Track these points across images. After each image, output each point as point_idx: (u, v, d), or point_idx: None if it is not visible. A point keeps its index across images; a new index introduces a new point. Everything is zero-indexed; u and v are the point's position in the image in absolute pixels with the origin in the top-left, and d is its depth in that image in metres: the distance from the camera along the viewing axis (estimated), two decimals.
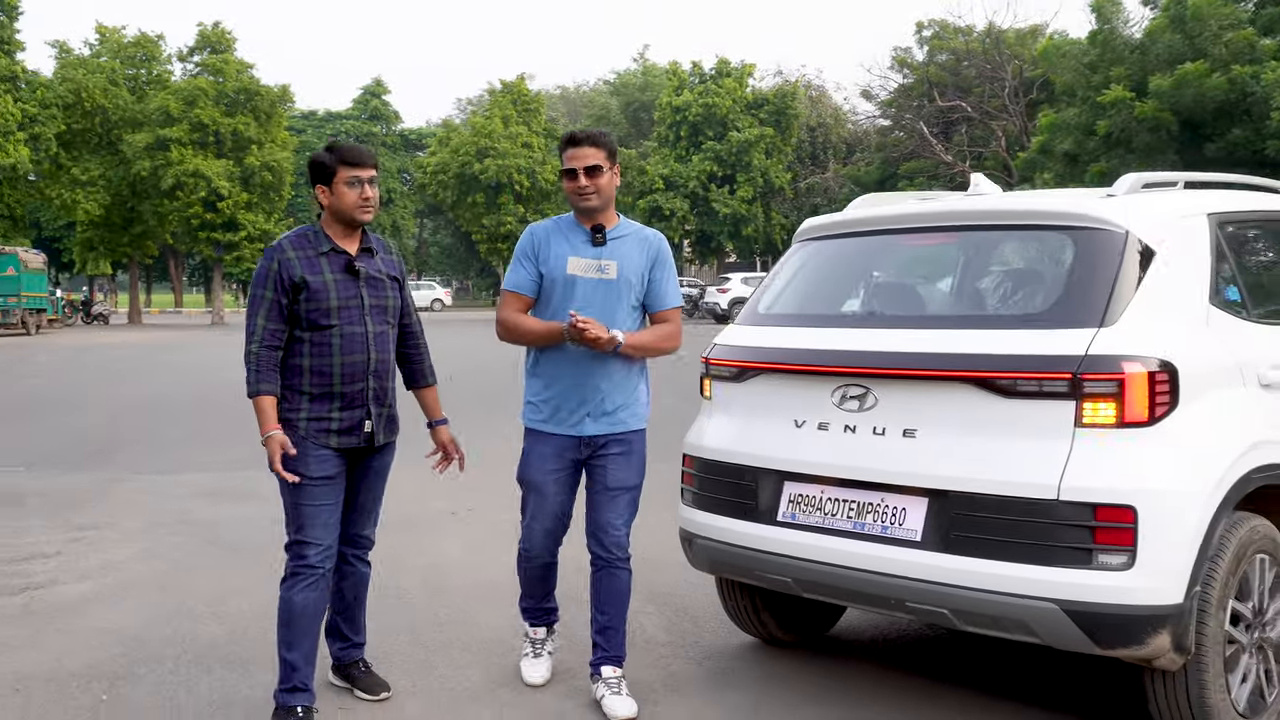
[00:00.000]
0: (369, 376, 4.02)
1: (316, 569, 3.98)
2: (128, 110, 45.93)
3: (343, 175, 3.96)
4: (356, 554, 4.31)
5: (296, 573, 3.97)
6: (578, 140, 4.12)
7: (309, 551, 3.96)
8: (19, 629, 5.20)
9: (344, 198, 3.97)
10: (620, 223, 4.25)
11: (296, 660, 3.94)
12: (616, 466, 4.20)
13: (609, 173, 4.11)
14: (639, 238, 4.23)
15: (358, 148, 4.05)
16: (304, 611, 3.95)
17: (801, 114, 52.95)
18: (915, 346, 3.80)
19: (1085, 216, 3.79)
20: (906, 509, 3.76)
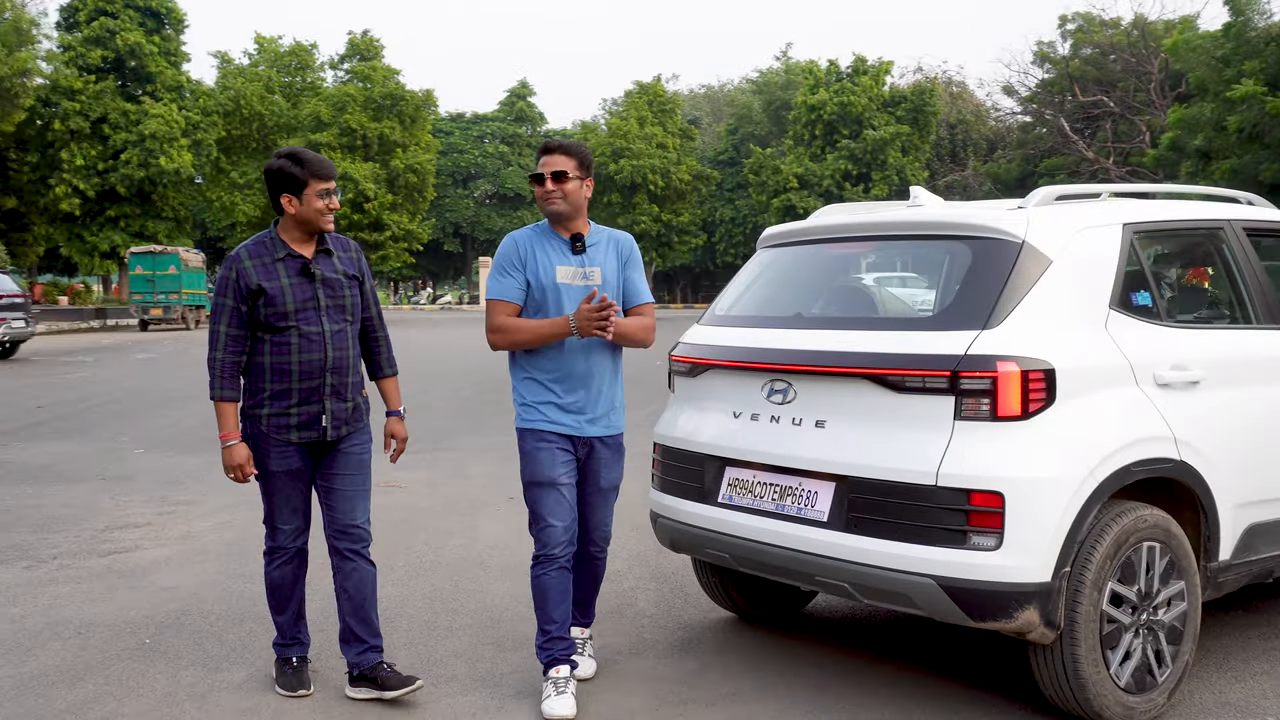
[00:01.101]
0: (325, 373, 4.24)
1: (287, 549, 4.42)
2: (282, 116, 48.36)
3: (314, 187, 4.16)
4: (353, 548, 4.38)
5: (271, 552, 4.43)
6: (549, 149, 4.35)
7: (279, 536, 4.41)
8: (98, 585, 5.98)
9: (312, 207, 4.18)
10: (595, 228, 4.48)
11: (284, 621, 4.48)
12: (609, 468, 4.47)
13: (576, 180, 4.29)
14: (611, 241, 4.45)
15: (325, 160, 4.27)
16: (282, 583, 4.43)
17: (940, 111, 52.34)
18: (828, 345, 4.20)
19: (986, 228, 4.14)
20: (818, 492, 4.16)
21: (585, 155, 4.36)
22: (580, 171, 4.32)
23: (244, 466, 4.22)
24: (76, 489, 8.65)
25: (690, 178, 51.85)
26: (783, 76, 66.02)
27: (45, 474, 9.35)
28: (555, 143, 4.38)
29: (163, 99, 46.00)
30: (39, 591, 5.85)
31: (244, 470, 4.23)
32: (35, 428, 12.39)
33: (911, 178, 49.91)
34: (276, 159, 4.24)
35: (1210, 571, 4.31)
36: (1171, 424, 4.08)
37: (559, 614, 4.34)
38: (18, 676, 4.61)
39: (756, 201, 51.38)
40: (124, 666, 4.73)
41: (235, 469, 4.23)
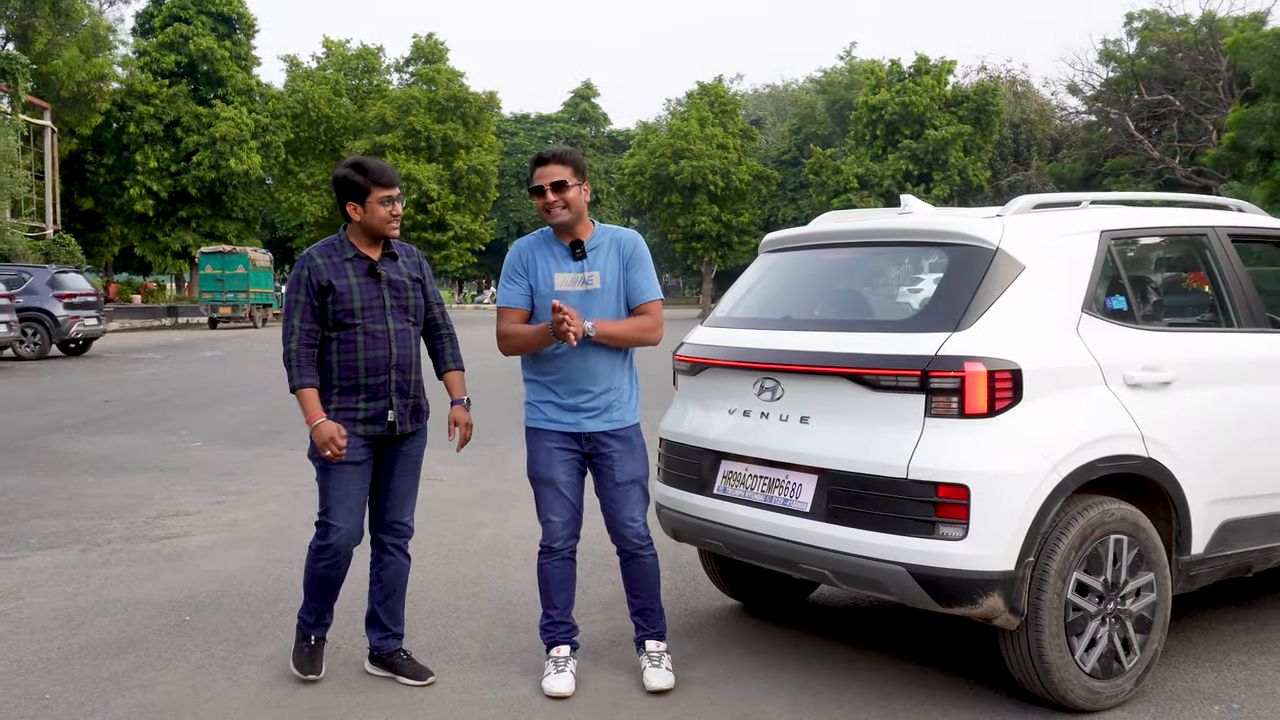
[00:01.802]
0: (391, 370, 4.43)
1: (339, 551, 4.47)
2: (349, 119, 49.33)
3: (376, 195, 4.36)
4: (395, 543, 4.66)
5: (320, 550, 4.49)
6: (544, 159, 4.44)
7: (332, 534, 4.43)
8: (146, 567, 6.39)
9: (376, 214, 4.38)
10: (596, 230, 4.55)
11: (317, 606, 4.63)
12: (622, 462, 4.51)
13: (575, 187, 4.39)
14: (613, 241, 4.52)
15: (388, 168, 4.44)
16: (325, 581, 4.57)
17: (1003, 110, 51.94)
18: (812, 346, 4.45)
19: (963, 235, 4.37)
20: (802, 485, 4.42)
21: (579, 161, 4.47)
22: (577, 178, 4.42)
23: (336, 439, 4.30)
24: (135, 479, 9.13)
25: (750, 178, 51.94)
26: (846, 76, 65.76)
27: (107, 465, 9.85)
28: (549, 153, 4.48)
29: (233, 102, 47.20)
30: (92, 573, 6.27)
31: (337, 442, 4.30)
32: (102, 421, 12.95)
33: (973, 178, 49.62)
34: (342, 168, 4.44)
35: (1182, 565, 4.50)
36: (1140, 422, 4.27)
37: (559, 600, 4.62)
38: (68, 647, 5.00)
39: (817, 201, 51.34)
40: (164, 640, 5.10)
41: (328, 442, 4.30)
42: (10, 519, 7.67)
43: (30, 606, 5.63)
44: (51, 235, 38.23)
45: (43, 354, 23.23)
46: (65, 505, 8.13)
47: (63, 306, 23.15)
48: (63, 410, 14.04)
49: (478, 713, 4.29)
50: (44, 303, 22.96)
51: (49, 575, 6.22)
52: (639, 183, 53.12)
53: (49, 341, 23.27)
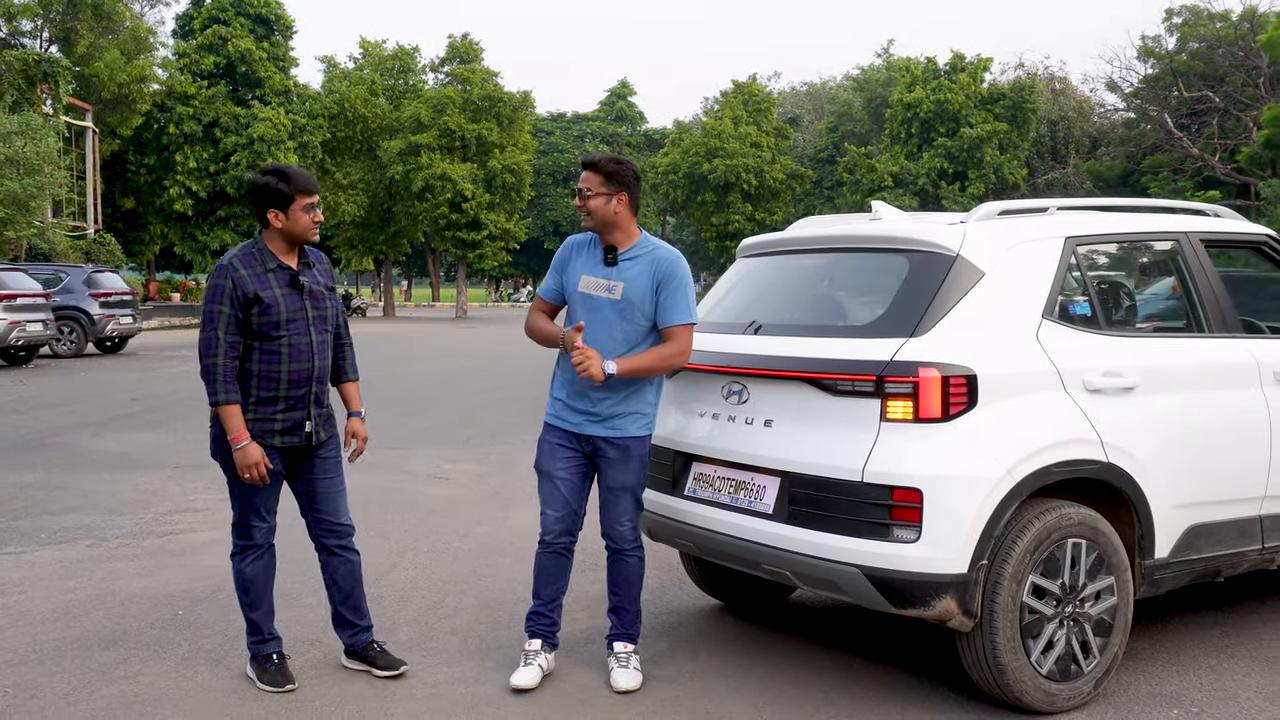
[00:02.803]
0: (312, 382, 4.48)
1: (260, 546, 4.60)
2: (385, 119, 49.72)
3: (300, 203, 4.38)
4: (341, 544, 4.70)
5: (245, 549, 4.58)
6: (584, 164, 4.54)
7: (254, 532, 4.58)
8: (149, 562, 6.57)
9: (299, 222, 4.40)
10: (639, 242, 4.55)
11: (259, 617, 4.61)
12: (614, 469, 4.57)
13: (600, 197, 4.43)
14: (651, 259, 4.50)
15: (309, 176, 4.46)
16: (255, 579, 4.59)
17: (1040, 108, 51.53)
18: (777, 351, 4.52)
19: (923, 241, 4.43)
20: (765, 487, 4.49)
21: (613, 171, 4.46)
22: (606, 188, 4.44)
23: (260, 464, 4.34)
24: (149, 476, 9.33)
25: (784, 176, 51.85)
26: (884, 74, 65.48)
27: (124, 462, 10.07)
28: (588, 158, 4.52)
29: (271, 103, 47.73)
30: (95, 567, 6.44)
31: (260, 468, 4.34)
32: (126, 419, 13.21)
33: (1010, 176, 49.29)
34: (263, 175, 4.43)
35: (1145, 569, 4.53)
36: (1100, 428, 4.31)
37: (545, 592, 4.74)
38: (62, 639, 5.16)
39: (852, 200, 51.19)
40: (155, 634, 5.25)
41: (252, 467, 4.34)
42: (24, 514, 7.88)
43: (31, 600, 5.80)
44: (92, 235, 38.84)
45: (79, 352, 23.64)
46: (79, 501, 8.34)
47: (99, 305, 23.55)
48: (90, 407, 14.33)
49: (447, 706, 4.40)
50: (80, 302, 23.36)
51: (54, 569, 6.40)
52: (673, 181, 53.20)
53: (85, 340, 23.68)
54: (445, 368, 19.91)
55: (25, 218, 28.75)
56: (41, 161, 28.68)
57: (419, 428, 12.56)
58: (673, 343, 4.51)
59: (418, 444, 11.33)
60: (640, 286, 4.49)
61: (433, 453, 10.72)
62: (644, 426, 4.64)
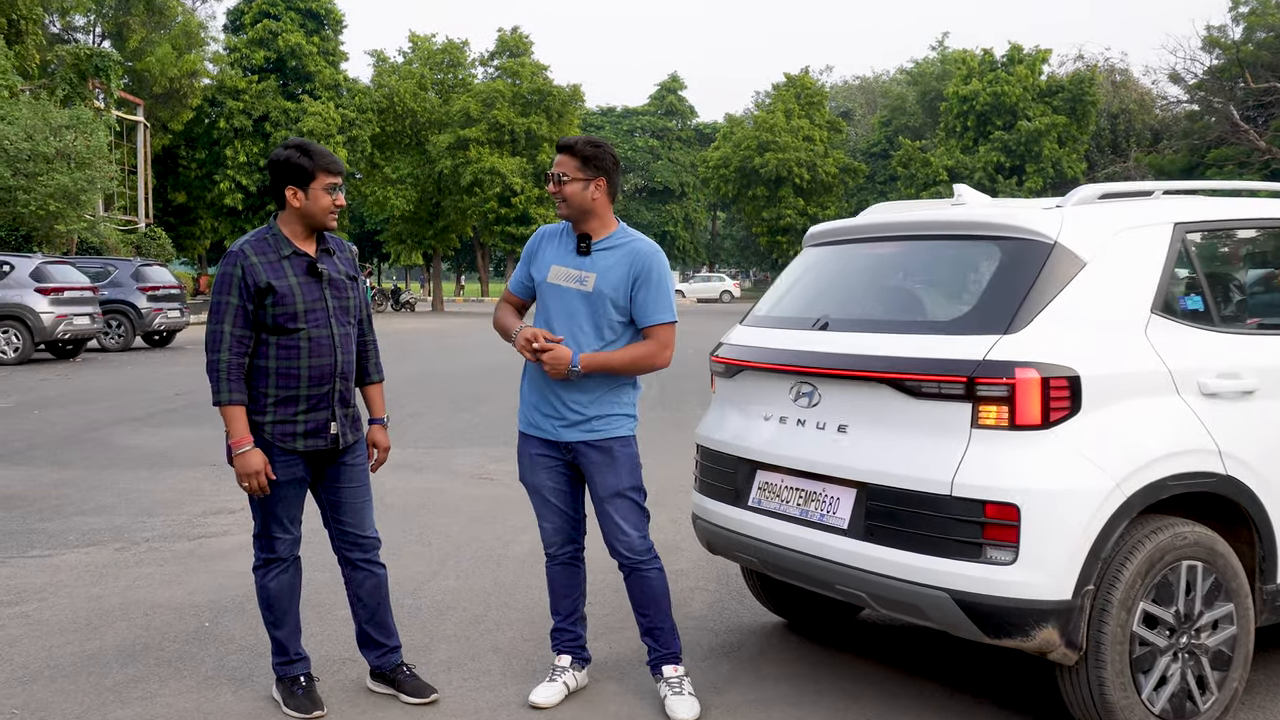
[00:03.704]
0: (335, 379, 4.09)
1: (285, 559, 4.22)
2: (434, 113, 49.62)
3: (321, 181, 3.99)
4: (366, 558, 4.33)
5: (268, 563, 4.21)
6: (559, 147, 4.20)
7: (276, 544, 4.19)
8: (177, 568, 6.24)
9: (319, 203, 4.01)
10: (616, 233, 4.21)
11: (284, 636, 4.25)
12: (601, 474, 4.20)
13: (577, 183, 4.10)
14: (629, 251, 4.15)
15: (332, 154, 4.08)
16: (280, 594, 4.22)
17: (1099, 100, 50.38)
18: (852, 349, 4.08)
19: (1017, 228, 3.97)
20: (839, 499, 4.06)
21: (591, 155, 4.13)
22: (583, 173, 4.11)
23: (261, 473, 3.98)
24: (186, 474, 9.04)
25: (837, 170, 51.06)
26: (938, 67, 64.56)
27: (162, 459, 9.80)
28: (564, 141, 4.19)
29: (321, 97, 47.74)
30: (122, 573, 6.12)
31: (260, 478, 3.98)
32: (168, 414, 12.97)
33: (1068, 170, 48.19)
34: (284, 149, 4.05)
35: (1267, 595, 4.05)
36: (1217, 436, 3.84)
37: (563, 606, 4.44)
38: (80, 653, 4.83)
39: (906, 195, 50.37)
40: (178, 648, 4.91)
41: (252, 475, 3.97)
42: (55, 514, 7.60)
43: (52, 609, 5.49)
44: (143, 229, 38.99)
45: (126, 346, 23.59)
46: (112, 500, 8.05)
47: (146, 299, 23.46)
48: (132, 402, 14.13)
49: None
50: (128, 295, 23.29)
51: (79, 574, 6.09)
52: (724, 176, 52.65)
53: (133, 333, 23.62)
54: (491, 362, 19.53)
55: (76, 211, 28.78)
56: (92, 155, 28.68)
57: (463, 425, 12.19)
58: (650, 342, 4.18)
59: (462, 442, 10.97)
60: (614, 279, 4.13)
61: (478, 452, 10.35)
62: (625, 427, 4.27)
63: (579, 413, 4.20)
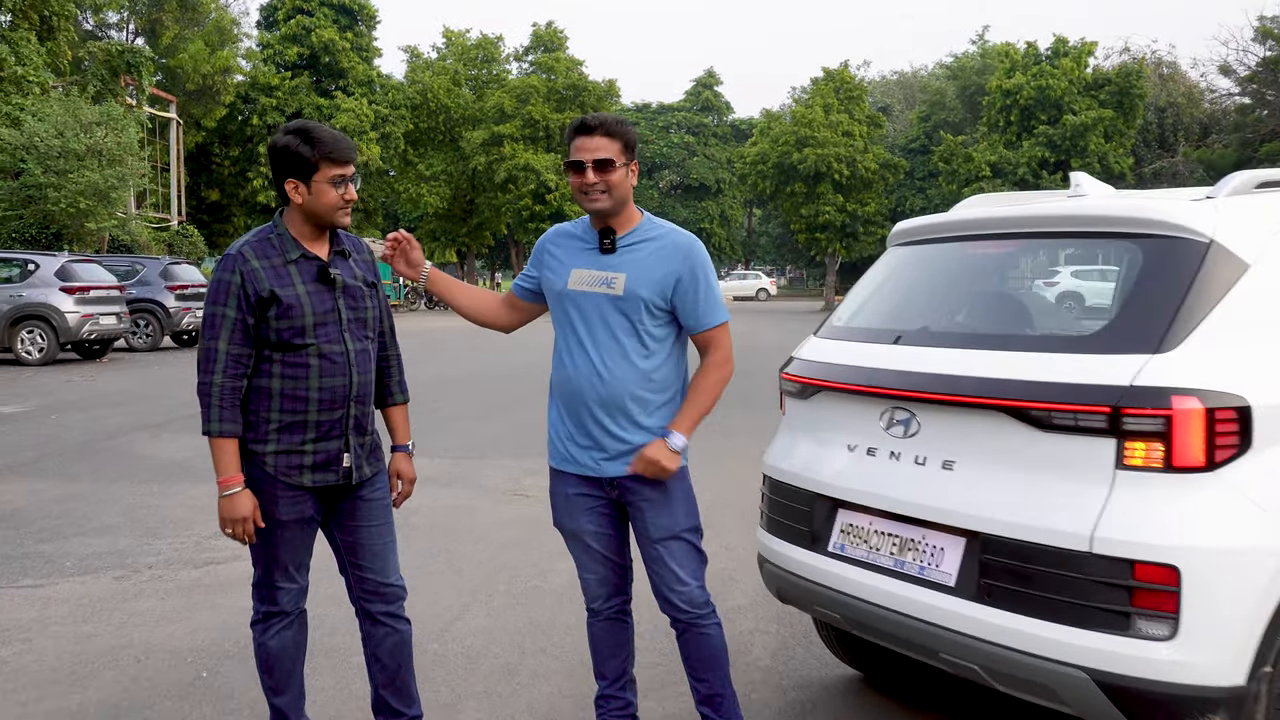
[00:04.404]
0: (349, 402, 3.45)
1: (288, 613, 3.59)
2: (468, 109, 49.24)
3: (326, 172, 3.34)
4: (388, 611, 3.66)
5: (268, 617, 3.58)
6: (588, 127, 3.49)
7: (280, 596, 3.56)
8: (180, 601, 5.63)
9: (324, 198, 3.35)
10: (641, 224, 3.58)
11: (286, 704, 3.66)
12: (653, 514, 3.55)
13: (623, 168, 3.48)
14: (663, 244, 3.53)
15: (341, 139, 3.40)
16: (282, 654, 3.61)
17: (1147, 94, 49.14)
18: (959, 369, 3.40)
19: (1163, 223, 3.27)
20: (944, 549, 3.38)
21: (630, 135, 3.53)
22: (626, 155, 3.50)
23: (249, 520, 3.35)
24: (200, 489, 8.45)
25: (877, 166, 50.04)
26: (978, 61, 63.42)
27: (177, 471, 9.22)
28: (595, 120, 3.51)
29: (354, 93, 47.40)
30: (118, 607, 5.53)
31: (248, 526, 3.36)
32: (189, 420, 12.40)
33: (1115, 165, 46.94)
34: (283, 134, 3.39)
35: None
36: None
37: (609, 669, 3.78)
38: (57, 711, 4.24)
39: (947, 191, 49.33)
40: (169, 706, 4.31)
41: (238, 522, 3.35)
42: (55, 535, 7.03)
43: (35, 651, 4.89)
44: (175, 227, 38.71)
45: (155, 345, 23.16)
46: (117, 519, 7.47)
47: (174, 298, 23.02)
48: (154, 407, 13.59)
49: None
50: (156, 294, 22.85)
51: (71, 609, 5.50)
52: (761, 172, 51.66)
53: (161, 333, 23.20)
54: (526, 361, 18.79)
55: (107, 209, 28.42)
56: (122, 152, 28.30)
57: (495, 432, 11.56)
58: (716, 351, 3.58)
59: (493, 453, 10.31)
60: (650, 278, 3.49)
61: (512, 464, 9.69)
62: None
63: (624, 441, 3.53)
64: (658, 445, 3.47)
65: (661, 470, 3.46)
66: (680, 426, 3.51)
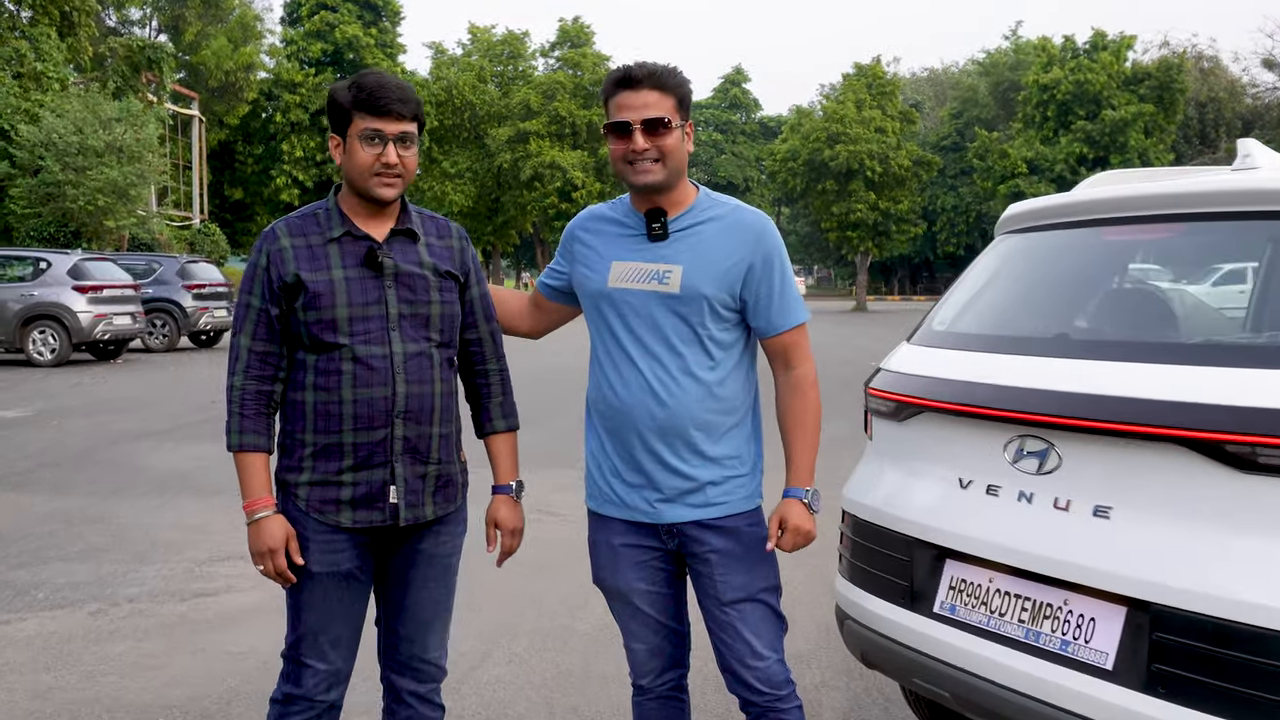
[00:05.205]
0: (396, 420, 2.73)
1: (316, 703, 2.79)
2: (493, 106, 48.73)
3: (358, 125, 2.66)
4: (418, 691, 2.94)
5: (288, 700, 2.79)
6: (634, 80, 2.72)
7: (306, 677, 2.77)
8: (159, 643, 4.94)
9: (355, 157, 2.68)
10: (698, 201, 2.85)
11: None
12: (727, 569, 2.82)
13: (678, 130, 2.76)
14: (728, 224, 2.81)
15: (390, 87, 2.68)
16: None
17: (1188, 88, 47.95)
18: (1115, 387, 2.64)
19: None
20: (1095, 620, 2.62)
21: (686, 88, 2.79)
22: (681, 115, 2.78)
23: (279, 552, 2.66)
24: (200, 504, 7.73)
25: (910, 163, 49.01)
26: (1012, 57, 62.41)
27: (177, 483, 8.51)
28: (642, 69, 2.74)
29: None
30: (88, 651, 4.83)
31: (278, 560, 2.65)
32: (198, 425, 11.74)
33: (1155, 161, 45.80)
34: (342, 81, 2.80)
35: None
36: None
37: None
38: None
39: (981, 188, 48.33)
40: None
41: (267, 555, 2.66)
42: (33, 559, 6.34)
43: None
44: (197, 225, 38.26)
45: (171, 346, 22.57)
46: (104, 540, 6.77)
47: (191, 297, 22.43)
48: (162, 412, 12.92)
49: None
50: (173, 293, 22.26)
51: (35, 653, 4.80)
52: (791, 169, 50.75)
53: (178, 333, 22.61)
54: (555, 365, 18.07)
55: (126, 207, 27.91)
56: (142, 149, 27.78)
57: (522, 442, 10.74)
58: (801, 360, 2.87)
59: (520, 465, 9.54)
60: (715, 270, 2.77)
61: (539, 478, 8.87)
62: (753, 492, 2.89)
63: (686, 478, 2.80)
64: (798, 509, 2.79)
65: (809, 538, 2.80)
66: (805, 479, 2.83)
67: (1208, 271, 4.67)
